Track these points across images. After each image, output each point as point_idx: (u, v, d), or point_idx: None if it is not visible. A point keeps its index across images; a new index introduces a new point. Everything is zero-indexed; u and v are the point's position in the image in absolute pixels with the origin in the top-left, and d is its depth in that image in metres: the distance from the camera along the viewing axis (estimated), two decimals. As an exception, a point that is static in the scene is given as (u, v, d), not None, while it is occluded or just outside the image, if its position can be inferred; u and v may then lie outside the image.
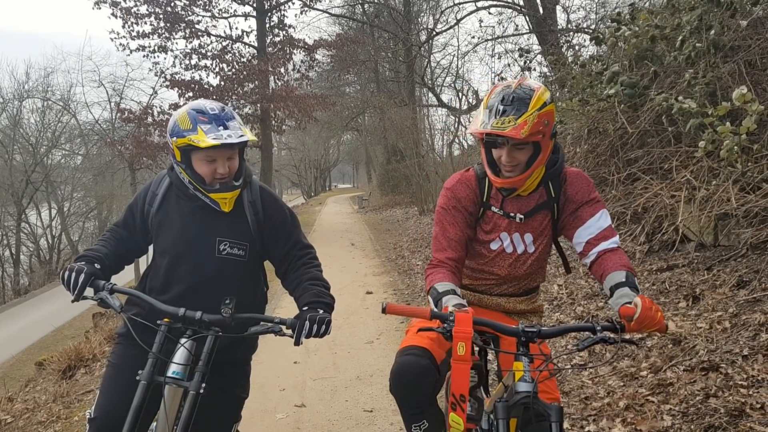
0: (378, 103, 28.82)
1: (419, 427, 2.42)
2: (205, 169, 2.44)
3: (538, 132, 2.27)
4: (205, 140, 2.34)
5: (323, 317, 2.36)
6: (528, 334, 2.06)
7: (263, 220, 2.61)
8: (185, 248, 2.53)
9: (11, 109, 38.72)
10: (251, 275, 2.69)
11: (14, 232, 36.82)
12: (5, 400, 7.36)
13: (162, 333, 2.34)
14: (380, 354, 6.13)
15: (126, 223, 2.68)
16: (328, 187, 77.90)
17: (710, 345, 4.05)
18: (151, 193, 2.64)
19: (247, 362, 2.80)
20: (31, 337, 18.76)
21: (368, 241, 17.07)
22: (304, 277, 2.59)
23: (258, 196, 2.63)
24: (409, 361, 2.37)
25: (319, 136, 47.26)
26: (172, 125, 2.46)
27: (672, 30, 6.55)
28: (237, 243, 2.56)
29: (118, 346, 2.64)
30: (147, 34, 20.72)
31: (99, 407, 2.45)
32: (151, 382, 2.28)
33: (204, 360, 2.31)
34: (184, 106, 2.53)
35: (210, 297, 2.43)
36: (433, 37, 27.97)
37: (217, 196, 2.48)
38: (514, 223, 2.52)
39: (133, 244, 2.69)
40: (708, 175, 5.53)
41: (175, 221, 2.57)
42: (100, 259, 2.51)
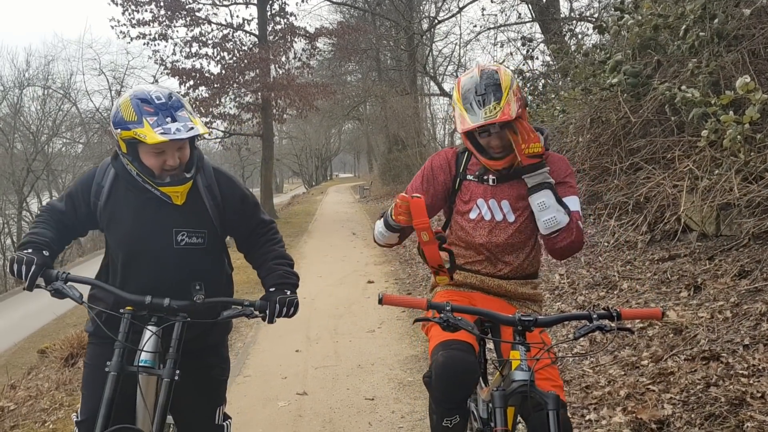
0: (379, 92, 28.76)
1: (450, 421, 2.37)
2: (154, 161, 2.29)
3: (519, 106, 2.39)
4: (153, 135, 2.17)
5: (291, 299, 2.41)
6: (524, 323, 2.06)
7: (222, 204, 2.50)
8: (140, 243, 2.40)
9: (12, 97, 38.68)
10: (214, 260, 2.58)
11: (15, 221, 36.85)
12: (8, 387, 7.39)
13: (126, 321, 2.27)
14: (381, 343, 6.15)
15: (65, 212, 2.50)
16: (330, 176, 77.84)
17: (711, 334, 4.05)
18: (96, 186, 2.46)
19: (222, 344, 2.72)
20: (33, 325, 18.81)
21: (369, 230, 17.07)
22: (268, 255, 2.56)
23: (213, 180, 2.50)
24: (457, 357, 2.31)
25: (320, 125, 47.16)
26: (114, 115, 2.28)
27: (675, 19, 6.51)
28: (195, 232, 2.44)
29: (90, 346, 2.56)
30: (147, 22, 20.62)
31: (84, 409, 2.42)
32: (121, 372, 2.22)
33: (174, 346, 2.26)
34: (126, 92, 2.35)
35: (173, 288, 2.36)
36: (435, 25, 27.87)
37: (169, 190, 2.34)
38: (489, 189, 2.56)
39: (75, 229, 2.55)
40: (710, 165, 5.51)
41: (126, 215, 2.42)
42: (47, 245, 2.35)
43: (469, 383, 2.34)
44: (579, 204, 2.52)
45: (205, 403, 2.61)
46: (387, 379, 5.10)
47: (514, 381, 2.02)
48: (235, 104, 21.95)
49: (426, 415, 4.27)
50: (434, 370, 2.33)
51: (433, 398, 2.44)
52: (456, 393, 2.34)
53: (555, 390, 2.19)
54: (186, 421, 2.60)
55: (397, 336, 6.36)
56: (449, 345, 2.35)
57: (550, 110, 10.19)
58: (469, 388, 2.36)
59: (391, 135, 28.16)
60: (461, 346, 2.34)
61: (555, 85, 11.96)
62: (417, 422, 4.20)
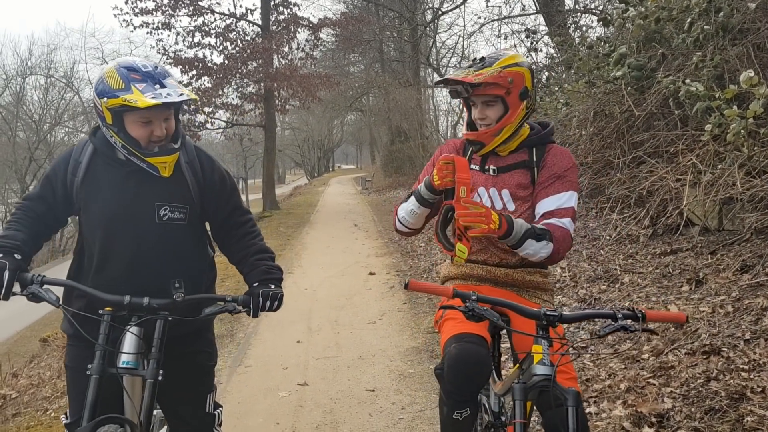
0: (382, 84, 28.69)
1: (461, 414, 2.37)
2: (141, 131, 2.22)
3: (498, 86, 2.40)
4: (143, 99, 2.10)
5: (276, 292, 2.36)
6: (550, 318, 2.05)
7: (203, 181, 2.44)
8: (121, 219, 2.31)
9: (14, 85, 38.65)
10: (195, 240, 2.52)
11: (18, 210, 36.90)
12: (10, 375, 7.42)
13: (105, 323, 2.20)
14: (382, 334, 6.16)
15: (43, 196, 2.40)
16: (332, 167, 77.82)
17: (712, 329, 4.05)
18: (74, 162, 2.36)
19: (207, 329, 2.65)
20: (35, 314, 18.85)
21: (371, 222, 17.08)
22: (249, 250, 2.51)
23: (195, 157, 2.45)
24: (471, 350, 2.30)
25: (322, 116, 47.09)
26: (98, 84, 2.21)
27: (680, 12, 6.48)
28: (177, 207, 2.37)
29: (70, 348, 2.48)
30: (150, 11, 20.57)
31: (73, 412, 2.40)
32: (102, 374, 2.17)
33: (156, 346, 2.21)
34: (110, 63, 2.29)
35: (154, 268, 2.34)
36: (438, 16, 27.79)
37: (156, 160, 2.27)
38: (490, 178, 2.58)
39: (52, 218, 2.43)
40: (714, 159, 5.50)
41: (105, 190, 2.33)
42: (18, 248, 2.26)
43: (482, 376, 2.33)
44: (575, 199, 2.51)
45: (194, 392, 2.56)
46: (388, 370, 5.11)
47: (535, 375, 2.01)
48: (237, 94, 21.92)
49: (426, 407, 4.28)
50: (446, 362, 2.32)
51: (445, 391, 2.43)
52: (468, 386, 2.34)
53: (570, 382, 2.19)
54: (175, 412, 2.55)
55: (398, 327, 6.37)
56: (462, 338, 2.35)
57: (554, 103, 10.16)
58: (481, 381, 2.35)
59: (393, 126, 28.13)
60: (474, 339, 2.34)
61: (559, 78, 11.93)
62: (417, 413, 4.21)
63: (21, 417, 5.31)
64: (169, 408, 2.55)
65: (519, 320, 2.29)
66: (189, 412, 2.55)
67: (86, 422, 2.09)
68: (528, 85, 2.47)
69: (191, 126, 20.84)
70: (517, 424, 2.00)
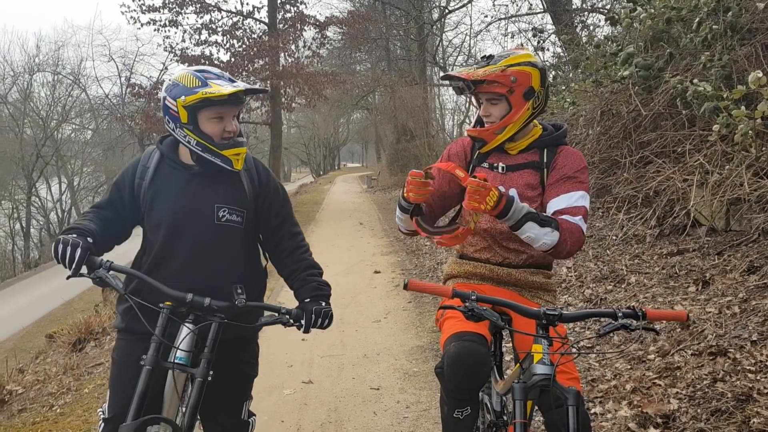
0: (389, 82, 28.64)
1: (462, 413, 2.37)
2: (214, 128, 2.39)
3: (499, 84, 2.41)
4: (223, 90, 2.30)
5: (327, 310, 2.46)
6: (549, 317, 2.04)
7: (258, 188, 2.57)
8: (183, 217, 2.45)
9: (22, 82, 38.85)
10: (249, 244, 2.63)
11: (25, 206, 37.07)
12: (16, 371, 7.45)
13: (165, 315, 2.28)
14: (387, 333, 6.16)
15: (112, 201, 2.54)
16: (337, 166, 77.80)
17: (719, 330, 4.04)
18: (141, 167, 2.54)
19: (254, 340, 2.75)
20: (42, 310, 18.94)
21: (377, 220, 17.08)
22: (300, 265, 2.60)
23: (252, 166, 2.61)
24: (470, 348, 2.30)
25: (328, 114, 47.06)
26: (172, 87, 2.38)
27: (689, 11, 6.45)
28: (235, 209, 2.50)
29: (120, 342, 2.57)
30: (158, 8, 20.60)
31: (112, 406, 2.43)
32: (155, 367, 2.22)
33: (209, 346, 2.28)
34: (176, 72, 2.46)
35: (209, 269, 2.44)
36: (445, 15, 27.71)
37: (230, 152, 2.42)
38: (498, 176, 2.58)
39: (119, 225, 2.55)
40: (721, 160, 5.47)
41: (170, 192, 2.48)
42: (92, 234, 2.36)
43: (482, 374, 2.33)
44: (587, 200, 2.50)
45: (234, 399, 2.64)
46: (392, 369, 5.11)
47: (536, 375, 2.00)
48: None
49: (431, 406, 4.28)
50: (446, 360, 2.33)
51: (445, 389, 2.43)
52: (468, 384, 2.33)
53: (572, 382, 2.18)
54: (213, 415, 2.61)
55: (403, 326, 6.37)
56: (462, 336, 2.35)
57: (561, 102, 10.13)
58: (481, 379, 2.35)
59: (399, 125, 28.09)
60: (474, 338, 2.34)
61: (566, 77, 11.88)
62: (422, 412, 4.21)
63: (27, 413, 5.34)
64: (208, 411, 2.60)
65: (520, 320, 2.29)
66: (226, 417, 2.63)
67: (133, 412, 2.14)
68: (535, 85, 2.45)
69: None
70: (518, 424, 1.99)
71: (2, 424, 5.27)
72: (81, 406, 5.04)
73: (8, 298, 22.24)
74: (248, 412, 2.71)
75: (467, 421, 2.39)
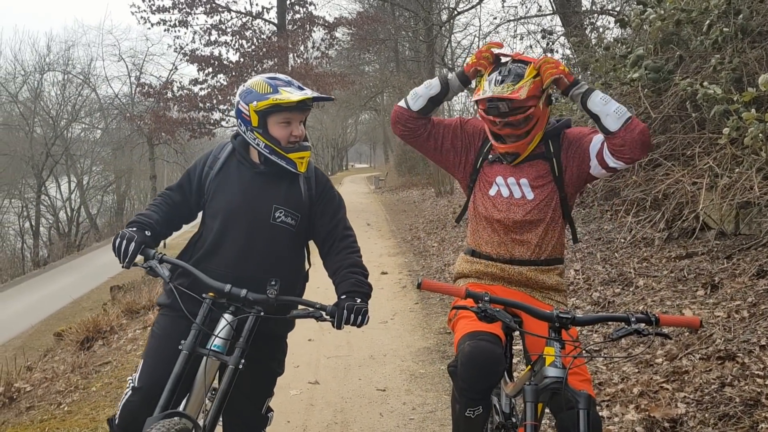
0: (397, 83, 28.60)
1: (473, 412, 2.38)
2: (282, 132, 2.53)
3: (534, 96, 2.46)
4: (292, 97, 2.46)
5: (360, 307, 2.47)
6: (562, 320, 2.04)
7: (315, 196, 2.70)
8: (241, 210, 2.60)
9: (32, 81, 39.00)
10: (297, 248, 2.75)
11: (34, 204, 37.26)
12: (24, 369, 7.50)
13: (206, 306, 2.39)
14: (394, 334, 6.16)
15: (181, 186, 2.73)
16: (345, 166, 77.83)
17: (727, 334, 4.01)
18: (212, 157, 2.72)
19: (283, 338, 2.85)
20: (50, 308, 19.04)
21: (384, 221, 17.08)
22: (344, 263, 2.65)
23: (313, 173, 2.74)
24: (485, 348, 2.31)
25: (337, 115, 47.11)
26: (246, 93, 2.54)
27: (699, 14, 6.41)
28: (291, 212, 2.63)
29: (161, 317, 2.70)
30: (167, 9, 20.69)
31: (143, 377, 2.51)
32: (192, 352, 2.34)
33: (245, 337, 2.37)
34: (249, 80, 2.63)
35: (256, 263, 2.56)
36: (454, 16, 27.65)
37: (296, 155, 2.56)
38: (509, 167, 2.64)
39: (186, 208, 2.74)
40: (731, 163, 5.43)
41: (233, 184, 2.64)
42: (151, 226, 2.55)
43: (495, 374, 2.34)
44: None
45: (258, 393, 2.74)
46: (399, 370, 5.11)
47: (547, 377, 2.01)
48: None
49: (437, 408, 4.28)
50: (460, 359, 2.33)
51: (458, 388, 2.43)
52: (481, 383, 2.33)
53: (583, 385, 2.18)
54: (235, 407, 2.67)
55: (409, 328, 6.37)
56: (476, 336, 2.36)
57: (569, 104, 10.10)
58: (494, 378, 2.35)
59: (407, 126, 28.01)
60: (488, 338, 2.34)
61: None
62: (428, 414, 4.20)
63: (35, 410, 5.37)
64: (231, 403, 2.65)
65: (531, 321, 2.28)
66: (248, 410, 2.72)
67: (167, 393, 2.25)
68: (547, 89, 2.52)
69: (207, 123, 20.96)
70: (528, 426, 2.00)
71: (10, 422, 5.30)
72: (88, 405, 5.06)
73: (17, 296, 22.37)
74: (267, 407, 2.80)
75: (479, 420, 2.39)
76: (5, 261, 33.99)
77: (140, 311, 9.25)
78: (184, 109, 20.56)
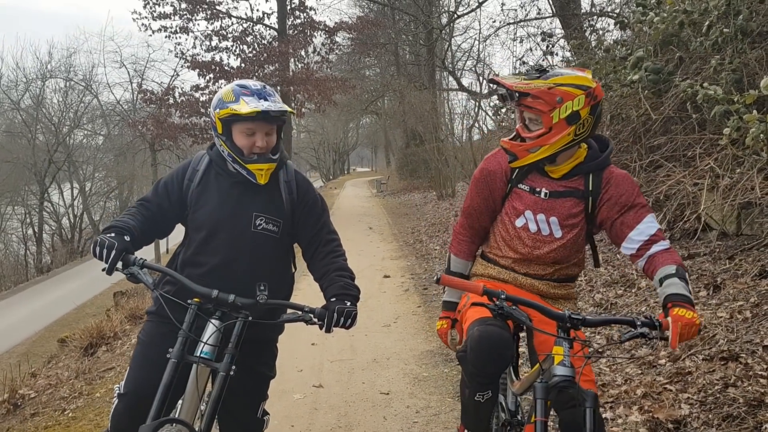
0: (398, 87, 28.71)
1: (482, 396, 2.39)
2: (245, 141, 2.52)
3: (542, 101, 2.32)
4: (247, 108, 2.43)
5: (350, 310, 2.48)
6: (573, 321, 2.07)
7: (297, 200, 2.69)
8: (222, 221, 2.59)
9: (34, 88, 39.17)
10: (282, 253, 2.74)
11: (37, 211, 37.34)
12: (29, 375, 7.50)
13: (192, 312, 2.38)
14: (397, 337, 6.16)
15: (157, 198, 2.68)
16: (347, 170, 77.89)
17: (730, 335, 4.01)
18: (191, 170, 2.69)
19: (273, 342, 2.85)
20: (54, 315, 19.07)
21: (386, 225, 17.08)
22: (331, 267, 2.66)
23: (293, 178, 2.72)
24: (493, 332, 2.30)
25: (338, 119, 47.20)
26: (216, 100, 2.56)
27: (699, 15, 6.42)
28: (272, 219, 2.62)
29: (147, 324, 2.70)
30: (168, 15, 20.77)
31: (129, 383, 2.51)
32: (181, 360, 2.32)
33: (234, 342, 2.36)
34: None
35: (242, 271, 2.55)
36: (454, 20, 27.72)
37: (254, 167, 2.54)
38: (540, 202, 2.51)
39: (162, 221, 2.69)
40: (732, 163, 5.44)
41: (213, 196, 2.63)
42: (130, 231, 2.51)
43: (504, 358, 2.34)
44: (655, 217, 2.46)
45: (251, 398, 2.73)
46: (402, 373, 5.11)
47: (556, 375, 2.03)
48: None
49: (441, 411, 4.28)
50: (469, 343, 2.33)
51: (467, 373, 2.43)
52: (490, 367, 2.34)
53: (588, 385, 2.19)
54: (230, 412, 2.67)
55: (413, 331, 6.37)
56: (485, 321, 2.35)
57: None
58: (503, 362, 2.35)
59: (408, 130, 28.10)
60: (497, 323, 2.34)
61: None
62: (432, 417, 4.20)
63: (39, 417, 5.37)
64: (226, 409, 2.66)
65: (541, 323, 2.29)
66: (243, 415, 2.72)
67: (157, 403, 2.23)
68: (582, 111, 2.34)
69: (208, 129, 20.98)
70: (539, 422, 2.02)
71: (15, 428, 5.31)
72: (93, 411, 5.07)
73: (21, 302, 22.40)
74: (263, 410, 2.79)
75: (488, 404, 2.41)
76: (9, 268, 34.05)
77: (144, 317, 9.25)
78: (185, 114, 20.60)
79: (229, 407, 2.62)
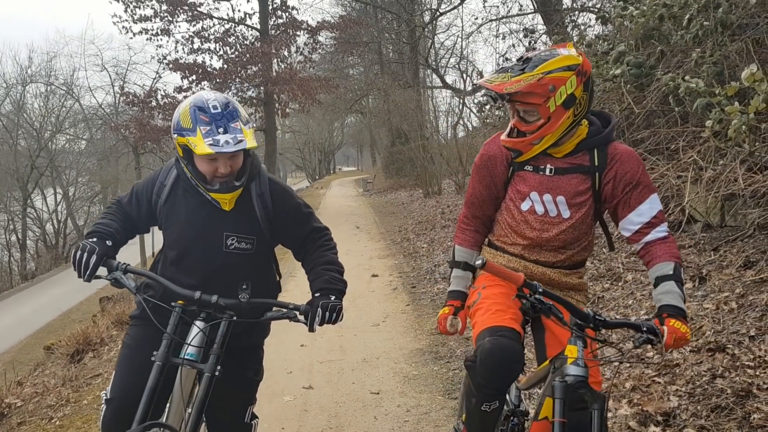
0: (382, 85, 28.68)
1: (489, 406, 2.35)
2: (207, 167, 2.37)
3: (535, 95, 2.25)
4: (202, 146, 2.24)
5: (335, 305, 2.43)
6: (597, 321, 2.05)
7: (273, 213, 2.56)
8: (192, 243, 2.51)
9: (15, 94, 38.78)
10: (260, 266, 2.67)
11: (20, 217, 36.97)
12: (15, 384, 7.41)
13: (176, 314, 2.35)
14: (386, 336, 6.16)
15: (130, 203, 2.64)
16: (333, 170, 77.78)
17: (717, 326, 4.04)
18: (159, 184, 2.58)
19: (259, 346, 2.81)
20: (39, 321, 18.89)
21: (373, 224, 17.07)
22: (319, 260, 2.62)
23: (267, 189, 2.56)
24: (506, 345, 2.24)
25: (323, 119, 47.09)
26: (175, 120, 2.37)
27: (679, 8, 6.46)
28: (245, 237, 2.52)
29: (132, 328, 2.65)
30: (149, 18, 20.63)
31: (115, 388, 2.47)
32: (166, 363, 2.29)
33: (218, 343, 2.33)
34: (189, 97, 2.43)
35: (220, 287, 2.43)
36: (436, 17, 27.79)
37: (218, 196, 2.43)
38: (545, 180, 2.43)
39: (139, 222, 2.67)
40: (715, 156, 5.48)
41: (181, 215, 2.53)
42: (111, 235, 2.48)
43: (514, 371, 2.28)
44: (658, 200, 2.42)
45: (238, 402, 2.69)
46: (392, 372, 5.11)
47: (569, 375, 2.02)
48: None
49: (431, 409, 4.28)
50: (479, 355, 2.27)
51: (475, 384, 2.37)
52: (499, 381, 2.29)
53: (594, 386, 2.18)
54: (217, 416, 2.65)
55: (401, 330, 6.36)
56: (496, 331, 2.29)
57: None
58: (513, 375, 2.30)
59: (393, 128, 28.05)
60: (508, 334, 2.28)
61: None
62: (422, 416, 4.20)
63: (26, 426, 5.31)
64: (213, 413, 2.64)
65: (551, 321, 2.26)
66: (230, 419, 2.69)
67: (143, 406, 2.21)
68: (576, 91, 2.28)
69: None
70: (557, 423, 2.00)
71: (2, 438, 5.25)
72: (80, 418, 5.02)
73: (6, 310, 22.17)
74: (251, 414, 2.76)
75: (494, 414, 2.38)
76: (-8, 275, 33.70)
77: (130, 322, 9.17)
78: (168, 117, 20.47)
79: (216, 413, 2.60)
